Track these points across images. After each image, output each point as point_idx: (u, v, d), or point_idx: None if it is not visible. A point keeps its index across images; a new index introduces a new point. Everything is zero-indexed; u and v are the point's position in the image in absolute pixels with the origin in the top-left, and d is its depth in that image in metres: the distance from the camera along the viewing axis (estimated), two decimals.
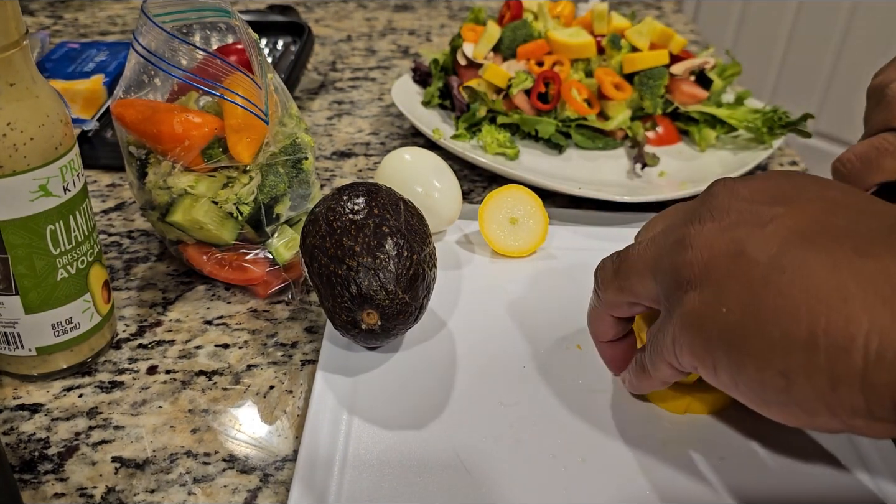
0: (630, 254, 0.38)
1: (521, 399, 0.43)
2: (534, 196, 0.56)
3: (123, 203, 0.63)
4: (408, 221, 0.45)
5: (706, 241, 0.33)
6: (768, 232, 0.31)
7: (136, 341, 0.49)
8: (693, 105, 0.72)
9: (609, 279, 0.39)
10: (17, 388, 0.45)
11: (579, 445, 0.41)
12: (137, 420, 0.43)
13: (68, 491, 0.39)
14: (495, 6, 1.15)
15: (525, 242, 0.55)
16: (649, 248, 0.37)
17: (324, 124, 0.78)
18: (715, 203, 0.34)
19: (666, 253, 0.35)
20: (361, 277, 0.42)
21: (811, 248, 0.30)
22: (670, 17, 1.15)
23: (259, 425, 0.43)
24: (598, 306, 0.41)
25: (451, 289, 0.52)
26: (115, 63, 0.80)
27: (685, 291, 0.33)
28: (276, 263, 0.52)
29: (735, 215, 0.33)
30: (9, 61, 0.38)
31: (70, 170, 0.41)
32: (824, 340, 0.28)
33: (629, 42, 0.73)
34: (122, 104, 0.49)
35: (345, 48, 0.98)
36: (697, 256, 0.33)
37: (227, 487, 0.39)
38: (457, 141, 0.69)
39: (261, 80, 0.47)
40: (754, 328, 0.30)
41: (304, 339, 0.49)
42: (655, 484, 0.39)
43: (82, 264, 0.43)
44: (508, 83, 0.70)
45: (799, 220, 0.31)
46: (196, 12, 0.51)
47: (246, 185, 0.49)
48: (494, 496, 0.38)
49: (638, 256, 0.37)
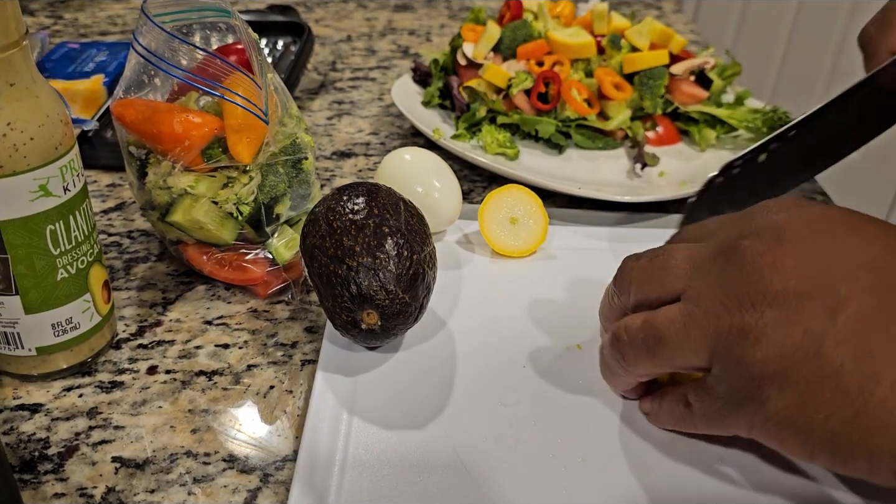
0: (666, 329, 0.36)
1: (521, 399, 0.43)
2: (534, 196, 0.56)
3: (123, 203, 0.63)
4: (408, 221, 0.45)
5: (775, 337, 0.32)
6: (841, 326, 0.31)
7: (136, 341, 0.49)
8: (693, 105, 0.72)
9: (641, 356, 0.38)
10: (17, 388, 0.45)
11: (579, 445, 0.41)
12: (137, 420, 0.43)
13: (68, 491, 0.39)
14: (495, 6, 1.15)
15: (525, 242, 0.55)
16: (692, 327, 0.35)
17: (324, 124, 0.78)
18: (766, 286, 0.33)
19: (724, 342, 0.34)
20: (361, 277, 0.42)
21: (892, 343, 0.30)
22: (670, 17, 1.15)
23: (259, 425, 0.43)
24: (623, 375, 0.40)
25: (451, 289, 0.52)
26: (115, 63, 0.80)
27: (760, 388, 0.33)
28: (276, 263, 0.52)
29: (795, 301, 0.32)
30: (9, 61, 0.38)
31: (70, 170, 0.41)
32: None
33: (629, 42, 0.73)
34: (122, 104, 0.49)
35: (345, 48, 0.98)
36: (769, 354, 0.32)
37: (227, 487, 0.39)
38: (457, 141, 0.69)
39: (261, 80, 0.47)
40: (859, 439, 0.30)
41: (304, 339, 0.49)
42: (655, 484, 0.39)
43: (82, 264, 0.43)
44: (508, 83, 0.70)
45: (863, 303, 0.31)
46: (196, 12, 0.51)
47: (246, 185, 0.49)
48: (494, 496, 0.38)
49: (678, 334, 0.35)
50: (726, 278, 0.34)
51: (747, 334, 0.33)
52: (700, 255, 0.37)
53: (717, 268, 0.35)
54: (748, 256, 0.34)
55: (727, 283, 0.34)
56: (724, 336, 0.34)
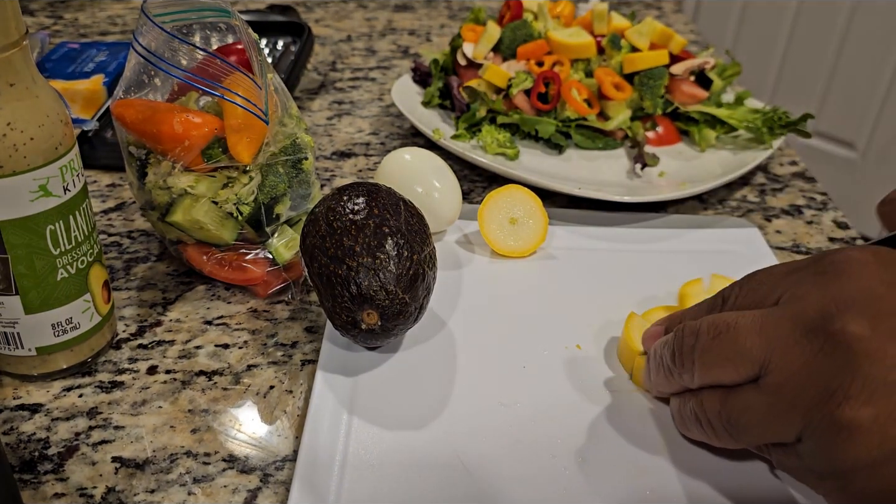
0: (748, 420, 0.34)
1: (521, 399, 0.43)
2: (533, 196, 0.56)
3: (123, 203, 0.63)
4: (408, 221, 0.45)
5: (872, 437, 0.30)
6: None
7: (136, 341, 0.49)
8: (693, 105, 0.72)
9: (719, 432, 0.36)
10: (17, 388, 0.45)
11: (579, 445, 0.41)
12: (137, 420, 0.43)
13: (68, 491, 0.39)
14: (495, 6, 1.15)
15: (525, 242, 0.55)
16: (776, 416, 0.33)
17: (324, 124, 0.78)
18: (864, 380, 0.31)
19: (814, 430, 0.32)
20: (361, 277, 0.42)
21: None
22: (670, 17, 1.15)
23: (259, 425, 0.43)
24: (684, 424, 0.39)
25: (451, 289, 0.52)
26: (115, 63, 0.80)
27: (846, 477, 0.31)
28: (276, 263, 0.52)
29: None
30: (9, 61, 0.38)
31: (70, 170, 0.41)
32: None
33: (629, 42, 0.73)
34: (122, 104, 0.49)
35: (345, 48, 0.99)
36: (862, 453, 0.31)
37: (227, 487, 0.39)
38: (457, 141, 0.69)
39: (261, 80, 0.47)
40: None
41: (304, 339, 0.49)
42: (655, 484, 0.39)
43: (82, 264, 0.43)
44: (508, 83, 0.70)
45: None
46: (196, 12, 0.51)
47: (246, 185, 0.49)
48: (494, 496, 0.38)
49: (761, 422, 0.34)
50: (816, 367, 0.32)
51: (840, 430, 0.31)
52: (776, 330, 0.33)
53: (801, 352, 0.32)
54: (843, 343, 0.31)
55: (816, 372, 0.32)
56: (814, 424, 0.32)
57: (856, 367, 0.31)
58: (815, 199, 0.68)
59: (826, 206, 0.67)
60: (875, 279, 0.32)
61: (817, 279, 0.34)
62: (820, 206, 0.67)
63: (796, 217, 0.65)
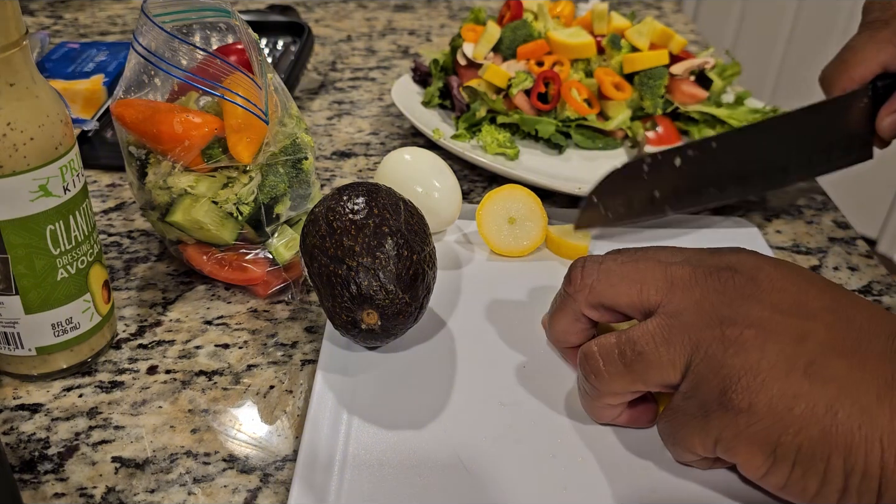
0: (645, 343, 0.37)
1: (521, 399, 0.43)
2: (532, 196, 0.56)
3: (123, 203, 0.63)
4: (408, 221, 0.45)
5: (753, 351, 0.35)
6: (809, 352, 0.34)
7: (136, 341, 0.49)
8: (693, 105, 0.72)
9: (617, 372, 0.38)
10: (17, 388, 0.45)
11: (579, 445, 0.41)
12: (137, 420, 0.43)
13: (68, 491, 0.39)
14: (495, 6, 1.15)
15: (523, 242, 0.55)
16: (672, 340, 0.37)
17: (324, 124, 0.78)
18: (746, 312, 0.36)
19: (702, 352, 0.36)
20: (361, 277, 0.42)
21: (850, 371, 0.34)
22: (670, 17, 1.15)
23: (259, 425, 0.43)
24: (594, 397, 0.40)
25: (451, 289, 0.52)
26: (115, 63, 0.80)
27: (732, 400, 0.34)
28: (276, 263, 0.52)
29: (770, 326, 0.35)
30: (9, 61, 0.38)
31: (70, 170, 0.41)
32: (879, 470, 0.32)
33: (629, 42, 0.73)
34: (122, 104, 0.49)
35: (345, 48, 0.99)
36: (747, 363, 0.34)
37: (227, 487, 0.39)
38: (457, 141, 0.69)
39: (261, 80, 0.47)
40: (820, 456, 0.33)
41: (304, 339, 0.49)
42: (655, 484, 0.39)
43: (82, 264, 0.43)
44: (508, 83, 0.70)
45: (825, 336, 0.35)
46: (196, 12, 0.51)
47: (246, 185, 0.49)
48: (494, 496, 0.38)
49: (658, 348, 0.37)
50: (708, 299, 0.37)
51: (727, 345, 0.35)
52: (676, 272, 0.38)
53: (697, 289, 0.37)
54: (729, 284, 0.37)
55: (708, 303, 0.37)
56: (703, 347, 0.36)
57: (740, 303, 0.36)
58: (815, 199, 0.68)
59: (826, 206, 0.67)
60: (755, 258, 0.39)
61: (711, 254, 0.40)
62: (820, 206, 0.67)
63: (796, 217, 0.65)
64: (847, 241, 0.62)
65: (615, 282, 0.40)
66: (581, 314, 0.42)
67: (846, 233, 0.63)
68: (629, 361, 0.38)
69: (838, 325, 0.35)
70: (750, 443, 0.34)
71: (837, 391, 0.33)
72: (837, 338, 0.35)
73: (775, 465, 0.34)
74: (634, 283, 0.39)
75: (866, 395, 0.33)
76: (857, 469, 0.32)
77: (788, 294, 0.36)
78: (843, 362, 0.34)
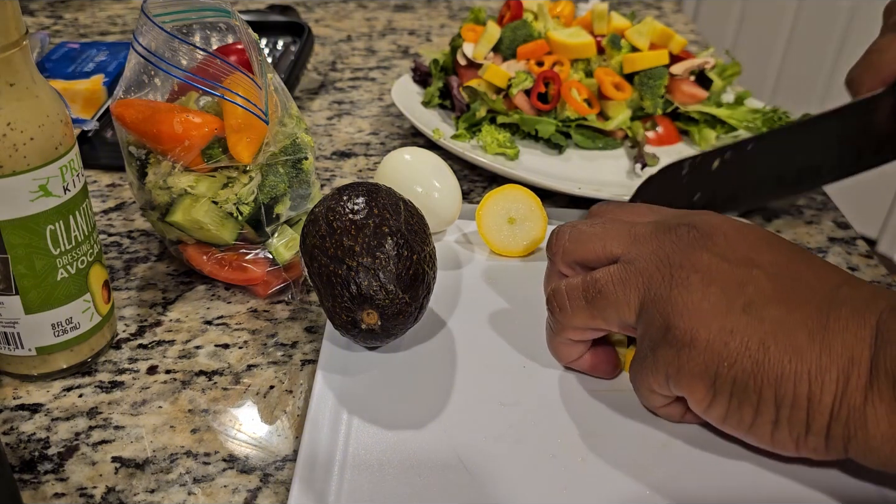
0: (606, 282, 0.41)
1: (521, 399, 0.43)
2: (532, 195, 0.56)
3: (123, 203, 0.63)
4: (408, 221, 0.45)
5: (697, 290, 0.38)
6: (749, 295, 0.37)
7: (136, 341, 0.49)
8: (693, 105, 0.72)
9: (580, 307, 0.42)
10: (17, 388, 0.45)
11: (579, 445, 0.41)
12: (137, 420, 0.43)
13: (68, 491, 0.39)
14: (495, 6, 1.15)
15: (523, 242, 0.55)
16: (628, 281, 0.40)
17: (324, 124, 0.78)
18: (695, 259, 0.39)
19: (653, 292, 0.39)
20: (361, 277, 0.42)
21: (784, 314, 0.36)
22: (670, 17, 1.15)
23: (259, 425, 0.43)
24: (558, 332, 0.44)
25: (451, 289, 0.52)
26: (115, 63, 0.80)
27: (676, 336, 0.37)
28: (276, 263, 0.52)
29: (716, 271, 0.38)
30: (9, 61, 0.38)
31: (70, 170, 0.41)
32: (806, 402, 0.35)
33: (629, 42, 0.73)
34: (122, 104, 0.49)
35: (345, 48, 0.99)
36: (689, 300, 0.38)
37: (227, 487, 0.39)
38: (457, 141, 0.69)
39: (261, 80, 0.47)
40: (753, 387, 0.36)
41: (304, 339, 0.49)
42: (655, 484, 0.39)
43: (82, 264, 0.43)
44: (508, 83, 0.70)
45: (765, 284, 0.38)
46: (196, 12, 0.51)
47: (246, 185, 0.49)
48: (494, 496, 0.38)
49: (616, 286, 0.40)
50: (663, 249, 0.40)
51: (673, 286, 0.38)
52: (638, 230, 0.42)
53: (655, 241, 0.41)
54: (683, 237, 0.40)
55: (662, 252, 0.40)
56: (653, 289, 0.39)
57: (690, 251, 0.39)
58: (814, 199, 0.68)
59: (826, 206, 0.67)
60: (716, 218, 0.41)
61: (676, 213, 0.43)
62: (820, 206, 0.67)
63: (796, 217, 0.65)
64: (847, 241, 0.62)
65: (585, 240, 0.43)
66: (559, 273, 0.45)
67: (846, 233, 0.63)
68: (591, 298, 0.41)
69: (782, 278, 0.38)
70: (692, 376, 0.37)
71: (771, 329, 0.36)
72: (779, 288, 0.37)
73: (716, 397, 0.37)
74: (600, 240, 0.43)
75: (798, 334, 0.35)
76: (787, 401, 0.35)
77: (739, 248, 0.39)
78: (781, 307, 0.36)
